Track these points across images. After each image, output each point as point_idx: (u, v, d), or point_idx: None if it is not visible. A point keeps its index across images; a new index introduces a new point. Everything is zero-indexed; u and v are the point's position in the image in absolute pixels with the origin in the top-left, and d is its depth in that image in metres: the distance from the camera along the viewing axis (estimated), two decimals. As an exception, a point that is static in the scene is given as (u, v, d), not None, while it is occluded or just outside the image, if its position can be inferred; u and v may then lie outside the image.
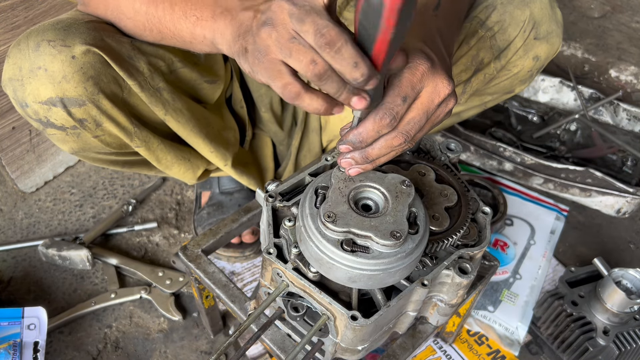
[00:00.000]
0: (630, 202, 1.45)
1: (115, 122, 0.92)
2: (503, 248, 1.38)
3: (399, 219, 0.68)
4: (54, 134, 0.91)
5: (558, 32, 1.03)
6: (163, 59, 0.95)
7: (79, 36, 0.84)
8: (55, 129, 0.90)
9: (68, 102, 0.86)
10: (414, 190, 0.72)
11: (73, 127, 0.90)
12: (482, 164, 1.56)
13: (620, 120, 1.68)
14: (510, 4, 0.99)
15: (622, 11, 2.26)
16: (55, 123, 0.88)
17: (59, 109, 0.86)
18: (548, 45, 1.03)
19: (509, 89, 1.10)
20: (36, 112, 0.86)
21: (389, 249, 0.67)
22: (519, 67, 1.04)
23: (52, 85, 0.83)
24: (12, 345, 1.03)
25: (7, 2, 1.15)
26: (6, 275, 1.27)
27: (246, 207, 1.04)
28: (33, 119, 0.88)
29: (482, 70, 1.03)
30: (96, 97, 0.87)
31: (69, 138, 0.92)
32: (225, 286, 0.92)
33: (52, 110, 0.86)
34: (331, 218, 0.67)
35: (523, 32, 1.00)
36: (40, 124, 0.89)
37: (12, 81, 0.85)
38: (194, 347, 1.18)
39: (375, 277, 0.69)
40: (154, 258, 1.33)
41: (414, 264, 0.72)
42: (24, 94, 0.85)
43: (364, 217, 0.68)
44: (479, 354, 1.20)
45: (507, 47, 1.01)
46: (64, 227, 1.38)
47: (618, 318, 1.09)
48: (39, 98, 0.85)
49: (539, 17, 1.00)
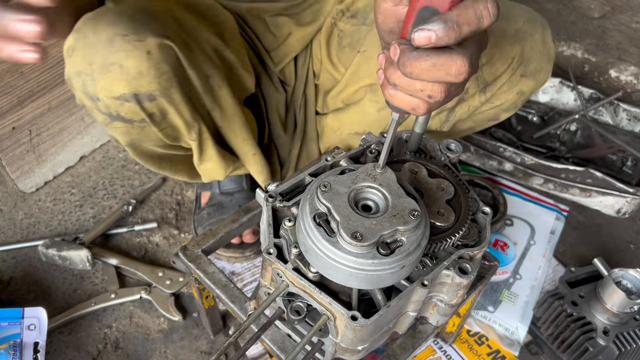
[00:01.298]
0: (630, 202, 1.45)
1: (180, 115, 0.92)
2: (503, 248, 1.38)
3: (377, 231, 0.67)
4: (118, 127, 0.91)
5: (547, 69, 1.01)
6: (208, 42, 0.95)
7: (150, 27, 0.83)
8: (122, 122, 0.89)
9: (141, 97, 0.86)
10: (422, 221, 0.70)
11: (141, 121, 0.90)
12: (482, 164, 1.57)
13: (620, 121, 1.68)
14: (503, 37, 0.97)
15: (622, 11, 2.26)
16: (125, 117, 0.88)
17: (132, 104, 0.86)
18: (534, 81, 1.02)
19: (494, 117, 1.10)
20: (107, 106, 0.86)
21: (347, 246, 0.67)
22: (502, 100, 1.03)
23: (127, 81, 0.83)
24: (12, 346, 1.03)
25: (7, 2, 1.15)
26: (6, 276, 1.27)
27: (246, 208, 1.04)
28: (102, 112, 0.87)
29: (467, 101, 1.02)
30: (168, 92, 0.87)
31: (133, 131, 0.92)
32: (225, 286, 0.92)
33: (124, 105, 0.86)
34: (326, 187, 0.68)
35: (511, 69, 0.98)
36: (108, 117, 0.88)
37: (81, 75, 0.83)
38: (194, 347, 1.18)
39: (372, 278, 0.69)
40: (154, 258, 1.33)
41: (414, 265, 0.72)
42: (95, 89, 0.84)
43: (350, 208, 0.69)
44: (479, 354, 1.20)
45: (493, 82, 0.99)
46: (64, 227, 1.38)
47: (618, 318, 1.09)
48: (112, 93, 0.84)
49: (529, 54, 0.98)
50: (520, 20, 0.98)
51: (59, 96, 1.38)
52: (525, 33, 0.98)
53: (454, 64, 0.55)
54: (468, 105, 1.02)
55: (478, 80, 0.99)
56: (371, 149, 0.90)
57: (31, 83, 1.29)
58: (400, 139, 0.95)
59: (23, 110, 1.31)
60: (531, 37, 0.98)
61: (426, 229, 0.72)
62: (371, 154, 0.89)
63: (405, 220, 0.68)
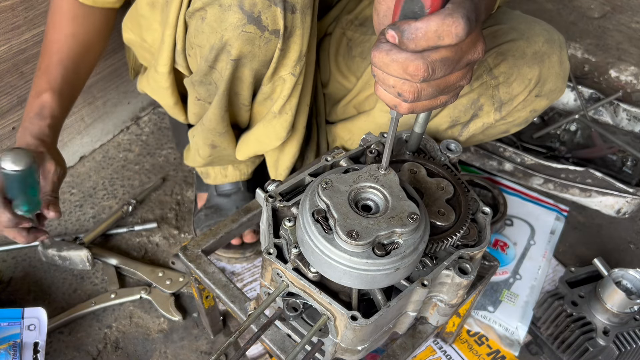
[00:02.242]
0: (630, 202, 1.45)
1: (302, 40, 0.90)
2: (503, 248, 1.38)
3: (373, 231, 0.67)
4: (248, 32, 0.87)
5: (562, 88, 1.02)
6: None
7: None
8: (255, 27, 0.86)
9: (287, 5, 0.85)
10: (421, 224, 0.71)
11: (272, 32, 0.88)
12: (482, 164, 1.57)
13: (620, 121, 1.68)
14: (521, 58, 0.97)
15: (622, 11, 2.26)
16: (262, 22, 0.86)
17: (279, 9, 0.84)
18: (548, 100, 1.03)
19: (505, 131, 1.10)
20: (254, 3, 0.84)
21: (342, 244, 0.67)
22: (515, 117, 1.04)
23: None
24: (12, 346, 1.03)
25: (7, 2, 1.15)
26: (6, 276, 1.27)
27: (246, 208, 1.04)
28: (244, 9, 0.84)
29: (481, 117, 1.03)
30: (307, 10, 0.87)
31: (257, 41, 0.89)
32: (225, 286, 0.92)
33: (270, 9, 0.85)
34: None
35: (527, 90, 0.99)
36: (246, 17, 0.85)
37: None
38: (194, 348, 1.18)
39: (358, 276, 0.69)
40: (154, 258, 1.33)
41: (410, 268, 0.72)
42: None
43: (349, 208, 0.69)
44: (479, 354, 1.20)
45: (509, 101, 1.00)
46: (64, 227, 1.38)
47: (618, 318, 1.09)
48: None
49: (546, 76, 0.99)
50: (540, 40, 0.98)
51: (59, 96, 1.38)
52: (543, 55, 0.98)
53: (411, 64, 0.57)
54: (482, 122, 1.03)
55: (494, 99, 1.00)
56: (371, 149, 0.90)
57: (31, 83, 1.29)
58: (400, 139, 0.95)
59: (23, 110, 1.31)
60: (549, 58, 0.98)
61: (425, 233, 0.72)
62: (371, 154, 0.89)
63: (403, 223, 0.68)
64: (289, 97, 1.00)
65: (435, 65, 0.58)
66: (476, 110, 1.01)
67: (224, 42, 0.89)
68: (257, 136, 1.10)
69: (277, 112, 1.03)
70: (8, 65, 1.22)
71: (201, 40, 0.92)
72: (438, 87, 0.62)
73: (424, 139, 0.97)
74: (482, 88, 0.99)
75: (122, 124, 1.59)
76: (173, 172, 1.51)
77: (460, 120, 1.03)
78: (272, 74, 0.96)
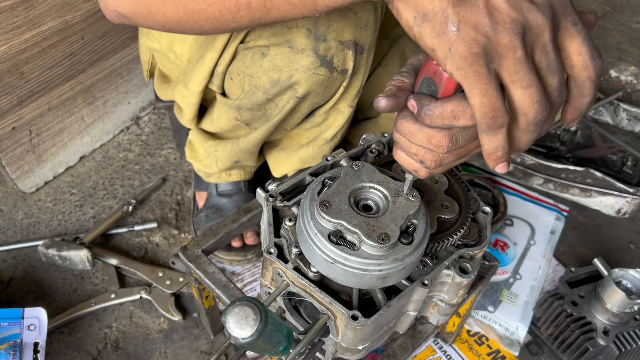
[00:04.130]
0: (630, 202, 1.45)
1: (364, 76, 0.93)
2: (503, 248, 1.38)
3: (393, 226, 0.68)
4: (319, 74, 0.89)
5: None
6: None
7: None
8: (326, 69, 0.88)
9: (358, 48, 0.87)
10: (421, 204, 0.71)
11: (342, 72, 0.90)
12: (482, 164, 1.56)
13: (620, 121, 1.68)
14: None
15: (622, 11, 2.26)
16: (334, 64, 0.88)
17: (351, 52, 0.87)
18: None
19: None
20: (329, 48, 0.86)
21: (374, 251, 0.67)
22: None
23: (356, 29, 0.84)
24: (12, 346, 1.03)
25: (7, 2, 1.15)
26: (6, 276, 1.27)
27: (246, 208, 1.04)
28: (318, 54, 0.86)
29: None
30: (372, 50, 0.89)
31: (325, 82, 0.91)
32: (225, 286, 0.92)
33: (343, 52, 0.87)
34: (326, 207, 0.68)
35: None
36: (319, 61, 0.87)
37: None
38: (194, 348, 1.18)
39: (358, 276, 0.69)
40: (154, 258, 1.33)
41: (403, 272, 0.71)
42: (327, 29, 0.84)
43: (359, 215, 0.68)
44: (479, 354, 1.20)
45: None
46: (64, 227, 1.38)
47: (618, 318, 1.09)
48: (341, 37, 0.85)
49: None
50: None
51: (59, 96, 1.38)
52: None
53: (435, 135, 0.59)
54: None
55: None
56: (371, 148, 0.90)
57: (31, 83, 1.29)
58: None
59: (23, 110, 1.31)
60: None
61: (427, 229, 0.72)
62: (372, 153, 0.89)
63: (409, 204, 0.70)
64: (343, 126, 1.03)
65: (458, 136, 0.59)
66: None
67: (292, 81, 0.91)
68: (302, 157, 1.13)
69: (329, 139, 1.06)
70: (8, 65, 1.22)
71: (257, 72, 0.92)
72: (459, 155, 0.63)
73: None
74: None
75: (122, 124, 1.59)
76: (173, 172, 1.51)
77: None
78: (330, 108, 0.99)
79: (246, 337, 0.59)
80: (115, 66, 1.48)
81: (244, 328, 0.59)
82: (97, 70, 1.43)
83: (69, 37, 1.31)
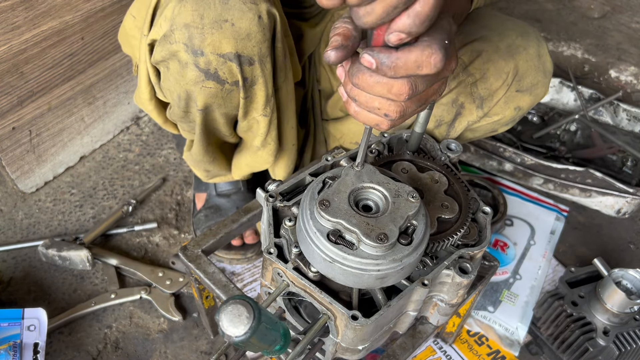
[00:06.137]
0: (630, 202, 1.45)
1: (266, 86, 0.92)
2: (503, 248, 1.38)
3: (392, 226, 0.68)
4: (208, 87, 0.90)
5: (544, 82, 1.01)
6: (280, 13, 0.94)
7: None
8: (214, 82, 0.89)
9: (243, 60, 0.86)
10: (421, 205, 0.71)
11: (232, 84, 0.90)
12: (482, 164, 1.57)
13: (620, 121, 1.68)
14: (495, 52, 0.96)
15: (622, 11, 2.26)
16: (221, 76, 0.88)
17: (234, 64, 0.86)
18: (531, 97, 1.01)
19: (492, 130, 1.09)
20: (209, 62, 0.86)
21: (372, 250, 0.67)
22: (500, 115, 1.02)
23: (235, 41, 0.84)
24: (12, 346, 1.03)
25: (7, 2, 1.15)
26: (6, 276, 1.27)
27: (246, 208, 1.04)
28: (199, 68, 0.87)
29: (465, 115, 1.02)
30: (264, 60, 0.88)
31: (219, 94, 0.91)
32: (225, 286, 0.92)
33: (226, 65, 0.86)
34: (325, 206, 0.68)
35: (505, 84, 0.98)
36: (204, 74, 0.88)
37: (189, 27, 0.83)
38: (194, 348, 1.18)
39: (356, 276, 0.69)
40: (154, 258, 1.33)
41: (402, 273, 0.71)
42: (202, 43, 0.84)
43: (358, 215, 0.68)
44: (479, 354, 1.20)
45: (489, 97, 0.99)
46: (64, 227, 1.38)
47: (618, 318, 1.09)
48: (219, 50, 0.85)
49: (524, 69, 0.97)
50: (513, 35, 0.97)
51: (59, 96, 1.38)
52: (518, 47, 0.97)
53: (395, 84, 0.59)
54: (467, 120, 1.02)
55: (474, 96, 0.99)
56: (371, 148, 0.90)
57: (31, 83, 1.29)
58: (401, 139, 0.95)
59: (23, 110, 1.31)
60: (525, 51, 0.97)
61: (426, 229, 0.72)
62: (371, 153, 0.89)
63: (409, 205, 0.70)
64: (268, 133, 1.03)
65: (418, 81, 0.60)
66: (458, 108, 1.00)
67: (188, 94, 0.93)
68: (247, 162, 1.14)
69: (259, 146, 1.07)
70: (8, 65, 1.22)
71: (169, 86, 0.95)
72: (419, 102, 0.64)
73: (424, 139, 0.97)
74: (460, 87, 0.98)
75: (122, 124, 1.59)
76: (173, 172, 1.51)
77: (444, 119, 1.02)
78: (243, 116, 0.99)
79: (239, 336, 0.59)
80: (115, 66, 1.48)
81: (237, 326, 0.59)
82: (97, 70, 1.43)
83: (69, 37, 1.32)
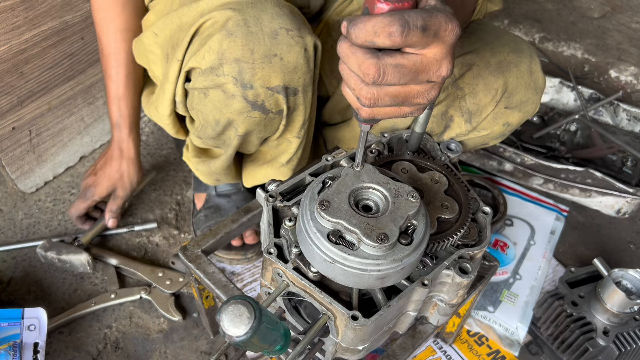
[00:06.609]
0: (630, 202, 1.45)
1: (305, 112, 0.96)
2: (503, 248, 1.38)
3: (392, 226, 0.68)
4: (253, 116, 0.92)
5: (534, 100, 1.00)
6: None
7: (306, 27, 0.87)
8: (260, 112, 0.91)
9: (289, 91, 0.89)
10: (421, 205, 0.71)
11: (277, 113, 0.92)
12: (482, 164, 1.57)
13: (620, 121, 1.68)
14: (486, 68, 0.95)
15: (622, 11, 2.26)
16: (267, 107, 0.90)
17: (281, 96, 0.89)
18: (521, 113, 1.00)
19: (482, 143, 1.09)
20: (257, 95, 0.88)
21: (373, 251, 0.67)
22: (488, 130, 1.02)
23: (284, 74, 0.86)
24: (12, 346, 1.03)
25: (7, 2, 1.15)
26: (6, 276, 1.27)
27: (246, 208, 1.04)
28: (247, 100, 0.89)
29: (453, 128, 1.02)
30: (308, 89, 0.91)
31: (263, 122, 0.94)
32: (225, 286, 0.92)
33: (273, 97, 0.89)
34: (325, 206, 0.68)
35: (494, 100, 0.97)
36: (250, 105, 0.90)
37: (239, 62, 0.85)
38: (194, 348, 1.18)
39: (357, 276, 0.69)
40: (154, 258, 1.33)
41: (402, 273, 0.71)
42: (252, 77, 0.86)
43: (359, 215, 0.68)
44: (479, 354, 1.20)
45: (477, 112, 0.99)
46: (63, 227, 1.38)
47: (618, 318, 1.09)
48: (268, 84, 0.87)
49: (514, 86, 0.96)
50: (506, 50, 0.96)
51: (59, 96, 1.38)
52: (509, 64, 0.96)
53: (365, 62, 0.59)
54: (455, 133, 1.02)
55: (462, 110, 0.99)
56: (371, 148, 0.90)
57: (31, 83, 1.29)
58: (401, 139, 0.95)
59: (23, 110, 1.31)
60: (517, 67, 0.96)
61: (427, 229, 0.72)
62: (371, 153, 0.89)
63: (409, 205, 0.70)
64: (296, 152, 1.07)
65: (387, 69, 0.59)
66: (447, 121, 1.00)
67: (230, 122, 0.95)
68: (266, 174, 1.16)
69: (284, 163, 1.10)
70: (8, 65, 1.22)
71: (204, 109, 0.96)
72: (396, 97, 0.62)
73: (424, 139, 0.97)
74: (449, 100, 0.98)
75: (122, 124, 1.59)
76: (173, 172, 1.51)
77: (434, 131, 1.02)
78: (278, 137, 1.03)
79: (240, 336, 0.59)
80: (115, 66, 1.47)
81: (238, 326, 0.58)
82: (97, 70, 1.43)
83: (69, 37, 1.32)
